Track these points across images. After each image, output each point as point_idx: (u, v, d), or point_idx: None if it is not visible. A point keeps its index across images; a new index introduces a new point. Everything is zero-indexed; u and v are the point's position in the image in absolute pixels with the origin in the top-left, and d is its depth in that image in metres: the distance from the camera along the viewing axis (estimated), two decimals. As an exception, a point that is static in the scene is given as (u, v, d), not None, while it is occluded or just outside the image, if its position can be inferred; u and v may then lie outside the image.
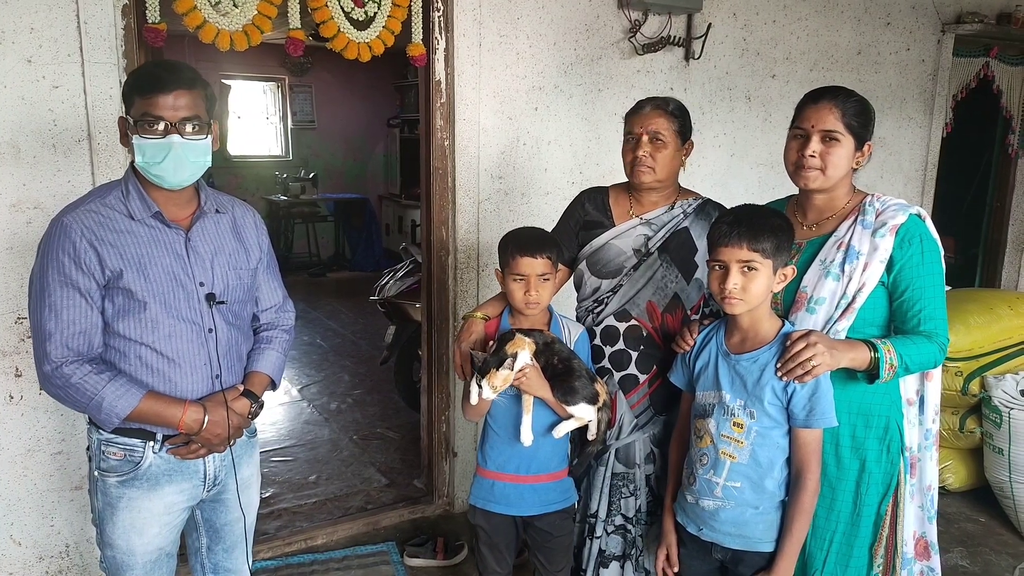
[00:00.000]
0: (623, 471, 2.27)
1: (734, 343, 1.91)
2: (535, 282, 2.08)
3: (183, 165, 1.72)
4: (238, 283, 1.89)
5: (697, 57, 3.65)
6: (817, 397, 1.79)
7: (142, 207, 1.75)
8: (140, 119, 1.68)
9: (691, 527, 1.96)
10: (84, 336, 1.69)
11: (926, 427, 2.04)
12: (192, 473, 1.85)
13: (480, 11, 3.09)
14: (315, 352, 5.89)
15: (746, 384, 1.85)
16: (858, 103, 1.91)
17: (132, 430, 1.77)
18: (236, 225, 1.93)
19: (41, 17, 2.37)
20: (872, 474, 1.92)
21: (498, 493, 2.17)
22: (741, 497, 1.85)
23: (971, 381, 3.48)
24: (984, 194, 5.53)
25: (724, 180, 3.87)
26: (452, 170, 3.19)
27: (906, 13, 4.34)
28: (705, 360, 1.96)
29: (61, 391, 1.69)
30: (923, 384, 2.03)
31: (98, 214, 1.71)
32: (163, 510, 1.83)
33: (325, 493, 3.64)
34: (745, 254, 1.78)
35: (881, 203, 1.95)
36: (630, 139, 2.23)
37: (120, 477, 1.78)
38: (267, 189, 8.86)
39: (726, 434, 1.87)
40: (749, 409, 1.84)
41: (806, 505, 1.83)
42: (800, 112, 1.96)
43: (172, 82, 1.67)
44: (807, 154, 1.90)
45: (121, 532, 1.80)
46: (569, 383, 2.05)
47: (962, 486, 3.68)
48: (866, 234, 1.90)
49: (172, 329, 1.75)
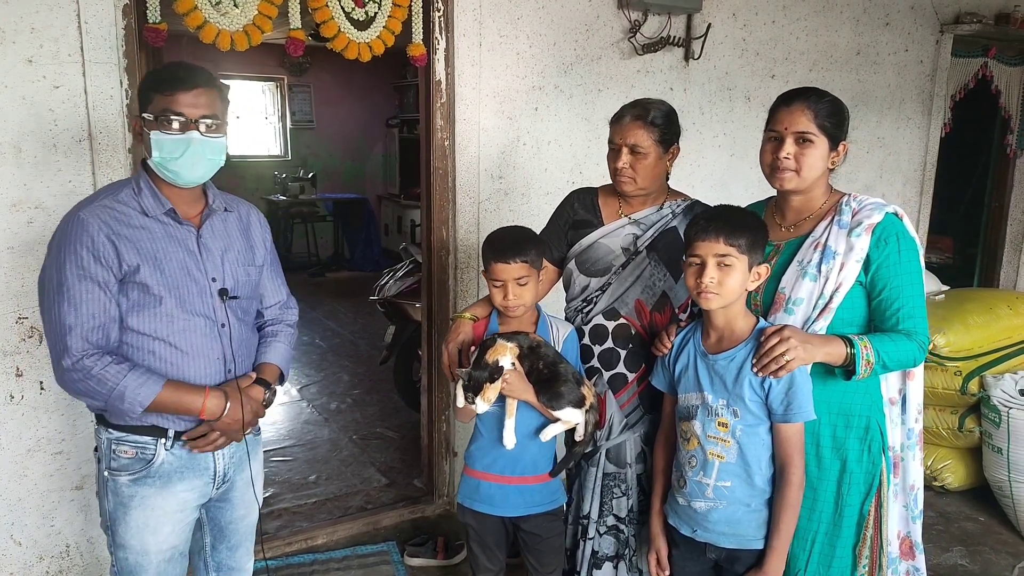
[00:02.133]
0: (614, 471, 2.27)
1: (711, 343, 1.92)
2: (512, 287, 2.07)
3: (199, 162, 1.75)
4: (247, 280, 1.92)
5: (697, 57, 3.65)
6: (793, 392, 1.80)
7: (155, 204, 1.77)
8: (160, 115, 1.71)
9: (684, 529, 1.96)
10: (103, 329, 1.70)
11: (909, 426, 2.04)
12: (203, 470, 1.86)
13: (480, 11, 3.09)
14: (314, 352, 5.89)
15: (726, 383, 1.86)
16: (831, 104, 1.91)
17: (144, 427, 1.77)
18: (243, 223, 1.97)
19: (42, 17, 2.37)
20: (853, 474, 1.93)
21: (483, 493, 2.17)
22: (732, 496, 1.86)
23: (970, 380, 3.48)
24: (982, 194, 5.54)
25: (724, 180, 3.87)
26: (452, 170, 3.19)
27: (905, 13, 4.35)
28: (685, 362, 1.97)
29: (82, 384, 1.68)
30: (905, 383, 2.03)
31: (112, 210, 1.73)
32: (176, 507, 1.83)
33: (325, 493, 3.64)
34: (722, 248, 1.79)
35: (857, 203, 1.95)
36: (612, 148, 2.22)
37: (132, 476, 1.79)
38: (266, 189, 8.86)
39: (712, 435, 1.87)
40: (732, 408, 1.85)
41: (792, 499, 1.83)
42: (773, 115, 1.96)
43: (192, 80, 1.72)
44: (781, 156, 1.91)
45: (135, 532, 1.80)
46: (555, 388, 2.05)
47: (961, 485, 3.68)
48: (842, 234, 1.90)
49: (187, 324, 1.78)
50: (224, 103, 1.80)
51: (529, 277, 2.08)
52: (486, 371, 1.98)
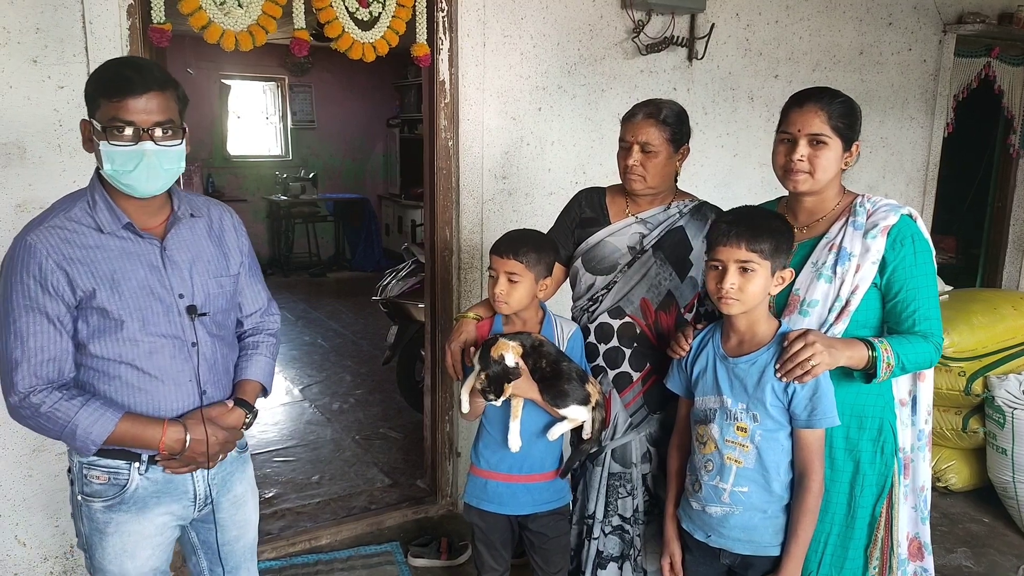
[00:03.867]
0: (620, 471, 2.27)
1: (731, 346, 1.89)
2: (502, 280, 2.08)
3: (156, 173, 1.59)
4: (219, 291, 1.78)
5: (700, 57, 3.65)
6: (818, 397, 1.77)
7: (111, 219, 1.62)
8: (108, 125, 1.54)
9: (698, 534, 1.93)
10: (54, 363, 1.58)
11: (919, 428, 2.03)
12: (181, 493, 1.75)
13: (484, 11, 3.09)
14: (316, 352, 5.88)
15: (746, 387, 1.83)
16: (843, 104, 1.90)
17: (115, 451, 1.66)
18: (213, 229, 1.81)
19: (47, 17, 2.37)
20: (866, 475, 1.92)
21: (491, 492, 2.18)
22: (749, 502, 1.83)
23: (974, 381, 3.48)
24: (985, 194, 5.54)
25: (727, 180, 3.87)
26: (456, 170, 3.19)
27: (908, 13, 4.35)
28: (703, 364, 1.94)
29: (31, 420, 1.58)
30: (916, 385, 2.03)
31: (64, 230, 1.59)
32: (154, 532, 1.73)
33: (328, 493, 3.63)
34: (743, 254, 1.76)
35: (872, 203, 1.93)
36: (623, 146, 2.22)
37: (106, 502, 1.68)
38: (267, 189, 8.86)
39: (730, 439, 1.84)
40: (752, 412, 1.82)
41: (810, 506, 1.81)
42: (786, 116, 1.94)
43: (142, 83, 1.54)
44: (795, 159, 1.89)
45: (112, 557, 1.70)
46: (558, 386, 2.05)
47: (965, 486, 3.68)
48: (857, 235, 1.89)
49: (152, 346, 1.65)
50: (180, 102, 1.64)
51: (521, 277, 2.08)
52: (501, 366, 1.98)
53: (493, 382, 1.98)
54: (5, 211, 2.41)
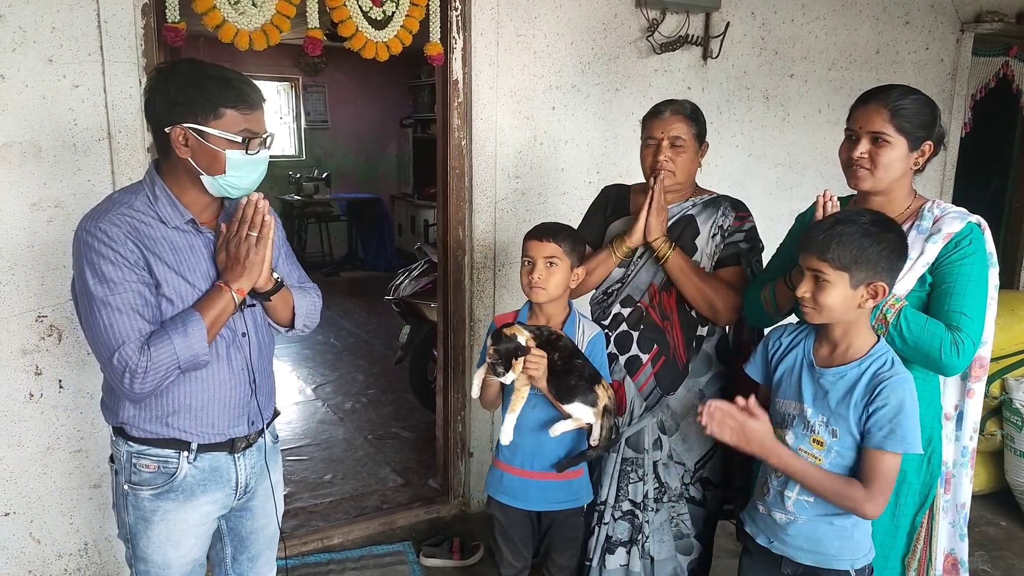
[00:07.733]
0: (632, 456, 2.30)
1: (822, 354, 1.79)
2: (540, 265, 2.10)
3: (261, 177, 1.72)
4: None
5: (715, 56, 3.63)
6: (900, 418, 1.65)
7: (174, 213, 1.67)
8: (243, 135, 1.63)
9: (760, 538, 1.86)
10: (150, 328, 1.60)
11: (963, 444, 1.99)
12: (225, 482, 1.81)
13: (498, 10, 3.08)
14: (329, 351, 5.90)
15: (829, 400, 1.73)
16: (913, 103, 1.84)
17: (165, 440, 1.71)
18: None
19: (62, 16, 2.38)
20: (911, 484, 1.88)
21: (506, 485, 2.21)
22: (815, 511, 1.76)
23: (992, 383, 3.44)
24: (1003, 195, 5.48)
25: (741, 180, 3.84)
26: (469, 170, 3.18)
27: (925, 12, 4.30)
28: (789, 365, 1.85)
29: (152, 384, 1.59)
30: (963, 400, 1.98)
31: (133, 219, 1.62)
32: (198, 520, 1.79)
33: (341, 492, 3.64)
34: (813, 263, 1.69)
35: (940, 209, 1.88)
36: (650, 143, 2.25)
37: (154, 490, 1.73)
38: (281, 189, 8.88)
39: (804, 449, 1.76)
40: (831, 427, 1.73)
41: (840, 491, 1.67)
42: (851, 112, 1.93)
43: (262, 97, 1.68)
44: (855, 156, 1.87)
45: (157, 546, 1.75)
46: (566, 381, 2.05)
47: (982, 489, 3.63)
48: (919, 239, 1.84)
49: None
50: None
51: (560, 262, 2.10)
52: (512, 344, 2.00)
53: (503, 356, 2.00)
54: (20, 210, 2.42)
